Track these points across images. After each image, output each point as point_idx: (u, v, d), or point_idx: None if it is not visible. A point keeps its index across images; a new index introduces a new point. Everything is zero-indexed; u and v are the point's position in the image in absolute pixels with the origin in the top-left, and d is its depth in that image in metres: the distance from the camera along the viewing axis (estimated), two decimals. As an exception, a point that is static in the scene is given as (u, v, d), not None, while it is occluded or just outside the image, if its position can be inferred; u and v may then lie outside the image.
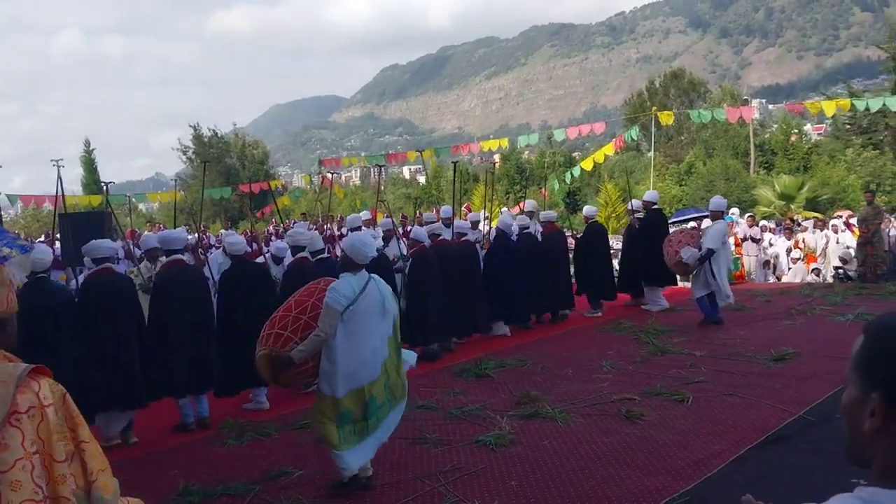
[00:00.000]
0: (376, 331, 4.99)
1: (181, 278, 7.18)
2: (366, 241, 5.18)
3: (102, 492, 2.53)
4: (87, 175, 42.33)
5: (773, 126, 45.18)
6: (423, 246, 9.68)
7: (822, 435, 5.77)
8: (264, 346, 5.04)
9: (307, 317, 5.00)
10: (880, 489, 1.08)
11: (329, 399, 4.92)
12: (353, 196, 41.60)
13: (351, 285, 4.90)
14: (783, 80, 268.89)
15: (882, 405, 1.09)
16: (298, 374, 5.13)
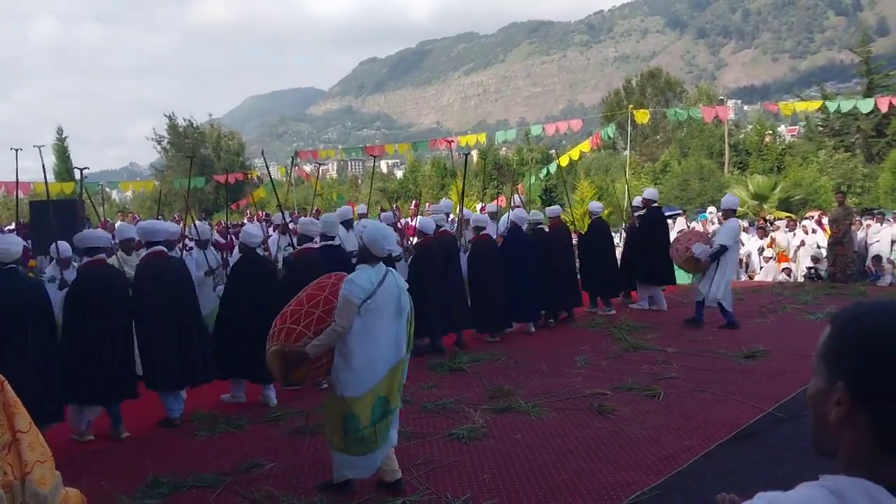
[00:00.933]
0: (393, 327, 4.78)
1: (164, 270, 6.90)
2: (385, 233, 4.92)
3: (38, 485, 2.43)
4: (60, 163, 41.67)
5: (747, 127, 45.67)
6: (427, 237, 9.48)
7: (790, 431, 5.85)
8: (276, 342, 4.80)
9: (320, 311, 4.77)
10: (844, 477, 1.09)
11: (338, 398, 4.73)
12: (330, 189, 41.41)
13: (369, 278, 4.69)
14: (758, 81, 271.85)
15: (847, 395, 1.10)
16: (311, 371, 4.87)
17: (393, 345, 4.77)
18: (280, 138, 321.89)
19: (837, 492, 1.07)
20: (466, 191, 15.00)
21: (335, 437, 4.78)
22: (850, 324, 1.14)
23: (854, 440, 1.11)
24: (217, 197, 41.95)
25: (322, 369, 4.85)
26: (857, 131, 34.78)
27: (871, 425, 1.09)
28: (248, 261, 7.56)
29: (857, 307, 1.16)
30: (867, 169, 33.13)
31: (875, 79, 34.20)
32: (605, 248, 11.93)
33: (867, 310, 1.14)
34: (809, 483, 1.11)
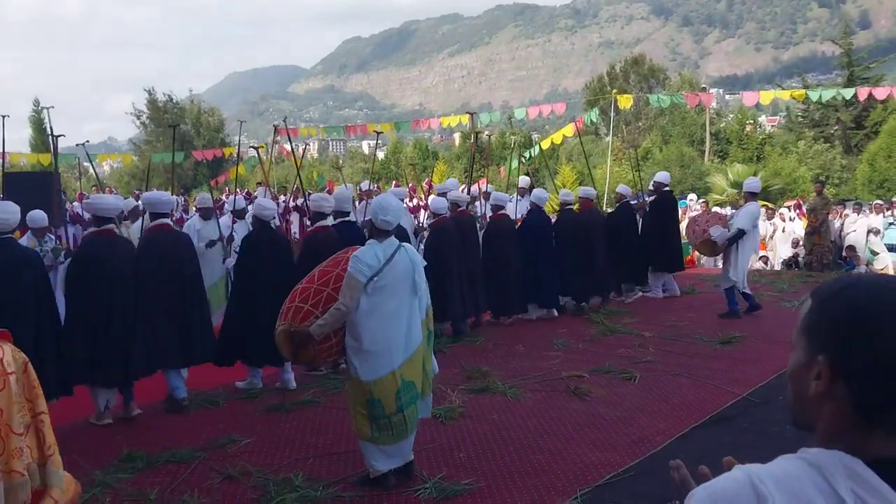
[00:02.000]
0: (406, 306, 4.50)
1: (168, 244, 6.51)
2: (385, 204, 4.60)
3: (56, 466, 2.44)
4: (36, 136, 41.02)
5: (728, 116, 45.90)
6: (443, 217, 9.12)
7: (764, 416, 5.92)
8: (283, 321, 4.58)
9: (330, 288, 4.50)
10: (822, 450, 1.09)
11: (356, 382, 4.50)
12: (311, 168, 41.15)
13: (376, 254, 4.43)
14: (741, 71, 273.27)
15: (827, 368, 1.10)
16: (320, 352, 4.61)
17: (410, 326, 4.52)
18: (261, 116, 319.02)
19: (815, 464, 1.08)
20: (449, 173, 14.93)
21: (361, 424, 4.52)
22: (832, 298, 1.14)
23: (833, 414, 1.11)
24: (196, 173, 41.57)
25: (331, 350, 4.63)
26: (837, 123, 35.08)
27: (850, 399, 1.09)
28: (261, 235, 7.15)
29: (838, 282, 1.16)
30: (846, 160, 33.46)
31: (856, 71, 34.45)
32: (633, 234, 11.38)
33: (848, 284, 1.14)
34: (788, 456, 1.12)
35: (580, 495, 4.54)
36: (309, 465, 5.13)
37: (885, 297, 1.09)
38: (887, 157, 29.04)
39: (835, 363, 1.10)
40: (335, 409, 6.29)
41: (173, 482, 4.86)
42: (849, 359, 1.09)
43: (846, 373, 1.09)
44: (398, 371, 4.43)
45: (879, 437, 1.08)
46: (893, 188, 27.09)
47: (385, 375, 4.41)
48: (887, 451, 1.08)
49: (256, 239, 7.10)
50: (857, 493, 1.04)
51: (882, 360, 1.06)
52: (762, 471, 1.10)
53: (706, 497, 1.12)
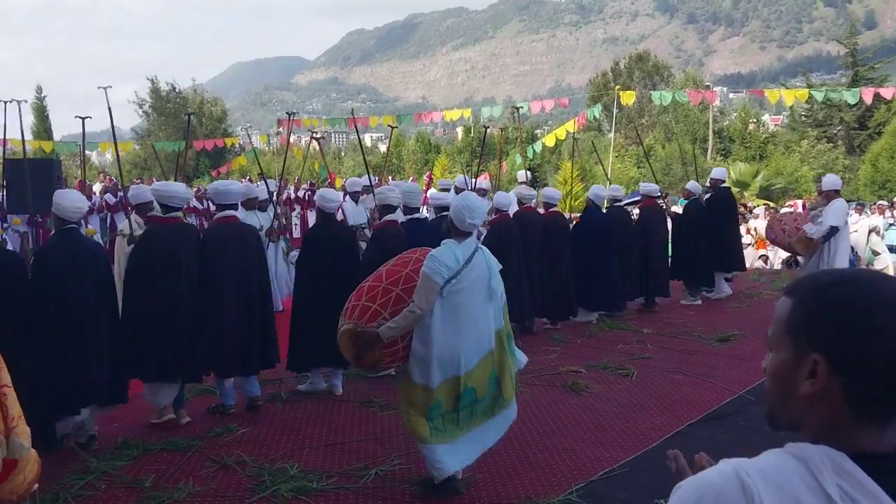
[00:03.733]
0: (481, 313, 4.25)
1: (236, 239, 5.96)
2: (472, 205, 4.25)
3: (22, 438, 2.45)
4: (38, 123, 41.01)
5: (732, 114, 45.85)
6: (505, 214, 8.49)
7: (760, 414, 5.82)
8: (348, 319, 4.30)
9: (399, 289, 4.25)
10: (808, 444, 1.10)
11: (420, 388, 4.23)
12: (312, 159, 41.13)
13: (454, 254, 4.14)
14: (745, 69, 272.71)
15: (825, 367, 1.09)
16: (386, 356, 4.29)
17: (482, 332, 4.26)
18: (264, 107, 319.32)
19: (801, 458, 1.08)
20: (450, 167, 14.86)
21: (419, 426, 4.28)
22: (817, 295, 1.13)
23: (825, 412, 1.11)
24: (198, 163, 41.56)
25: (397, 355, 4.30)
26: (840, 123, 35.03)
27: (844, 396, 1.09)
28: (324, 228, 6.63)
29: (815, 278, 1.16)
30: (848, 160, 33.43)
31: (860, 71, 34.39)
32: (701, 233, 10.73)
33: (833, 280, 1.14)
34: (775, 450, 1.12)
35: (575, 490, 4.54)
36: (304, 456, 5.14)
37: (875, 293, 1.09)
38: (890, 158, 29.00)
39: (831, 361, 1.09)
40: (331, 400, 6.30)
41: (169, 470, 4.86)
42: (846, 356, 1.08)
43: (843, 370, 1.08)
44: (463, 377, 4.21)
45: (870, 432, 1.08)
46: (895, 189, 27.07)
47: (450, 379, 4.20)
48: (873, 445, 1.08)
49: (320, 233, 6.62)
50: (843, 487, 1.04)
51: (878, 355, 1.06)
52: (749, 464, 1.10)
53: (692, 490, 1.12)
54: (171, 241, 5.61)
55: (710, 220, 10.74)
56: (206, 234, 6.14)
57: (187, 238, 5.77)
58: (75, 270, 5.06)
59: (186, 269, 5.60)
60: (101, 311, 5.21)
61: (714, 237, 10.63)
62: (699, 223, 10.70)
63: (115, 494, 4.53)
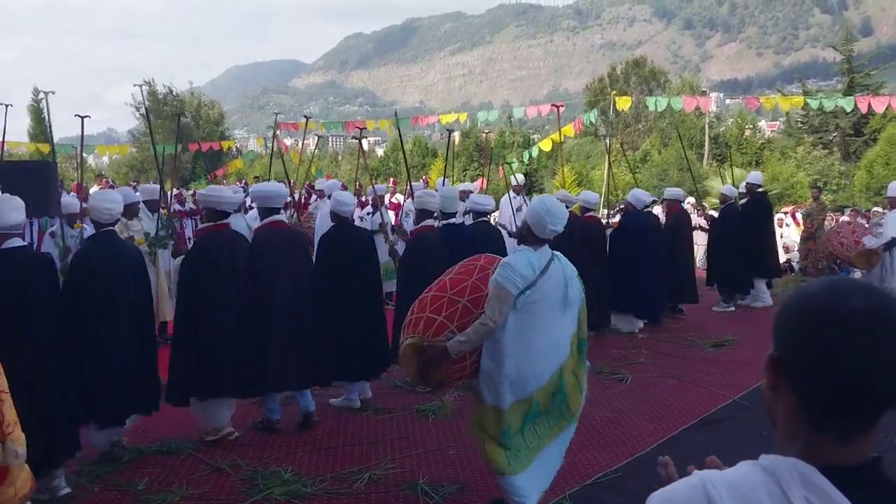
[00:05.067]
0: (556, 324, 3.94)
1: (284, 245, 5.68)
2: (553, 209, 3.90)
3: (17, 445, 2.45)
4: (36, 125, 40.93)
5: (728, 120, 45.93)
6: None
7: (754, 419, 5.93)
8: (412, 333, 3.97)
9: (466, 300, 3.94)
10: (780, 457, 1.11)
11: (492, 410, 3.89)
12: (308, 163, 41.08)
13: (530, 263, 3.82)
14: (742, 75, 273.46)
15: (772, 363, 1.13)
16: (453, 372, 3.97)
17: (556, 346, 3.96)
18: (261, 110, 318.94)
19: (770, 470, 1.09)
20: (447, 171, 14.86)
21: (497, 457, 3.92)
22: (791, 296, 1.16)
23: (784, 413, 1.13)
24: (195, 166, 41.53)
25: (464, 372, 3.99)
26: (836, 129, 35.10)
27: (795, 398, 1.11)
28: (341, 234, 6.28)
29: (801, 286, 1.19)
30: (844, 166, 33.49)
31: (856, 77, 34.47)
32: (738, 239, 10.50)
33: (811, 283, 1.16)
34: (748, 462, 1.13)
35: (568, 494, 4.55)
36: (298, 460, 5.14)
37: (831, 298, 1.09)
38: (885, 165, 29.07)
39: (780, 360, 1.12)
40: (324, 405, 6.29)
41: (162, 473, 4.87)
42: (791, 357, 1.11)
43: (789, 371, 1.11)
44: (535, 395, 3.92)
45: (830, 443, 1.09)
46: (891, 195, 27.15)
47: (523, 399, 3.90)
48: (843, 459, 1.09)
49: (337, 238, 6.24)
50: (810, 500, 1.05)
51: (822, 360, 1.06)
52: (716, 476, 1.12)
53: (661, 500, 1.14)
54: (222, 250, 5.35)
55: (747, 225, 10.50)
56: (253, 240, 5.80)
57: (238, 245, 5.51)
58: (114, 275, 4.87)
59: (238, 278, 5.35)
60: (139, 316, 5.06)
61: (751, 243, 10.40)
62: (736, 228, 10.47)
63: (109, 497, 4.53)
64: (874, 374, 1.04)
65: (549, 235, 3.93)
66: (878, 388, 1.05)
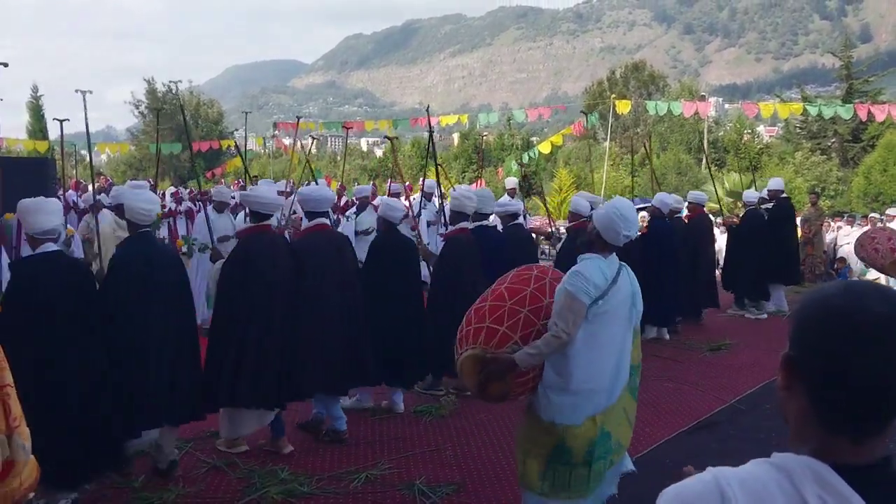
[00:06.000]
0: (623, 340, 3.70)
1: (331, 249, 5.52)
2: (626, 214, 3.65)
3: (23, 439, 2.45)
4: (34, 122, 40.92)
5: (727, 125, 46.02)
6: (583, 222, 7.66)
7: (750, 423, 5.95)
8: (472, 344, 3.75)
9: (527, 310, 3.73)
10: (792, 455, 1.11)
11: (546, 427, 3.65)
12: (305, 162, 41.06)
13: (602, 272, 3.58)
14: (741, 80, 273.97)
15: (788, 362, 1.14)
16: (516, 386, 3.76)
17: (622, 363, 3.71)
18: (260, 110, 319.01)
19: (783, 468, 1.09)
20: (446, 172, 14.84)
21: (532, 473, 3.70)
22: (808, 297, 1.17)
23: (796, 412, 1.14)
24: (193, 165, 41.53)
25: (526, 385, 3.77)
26: (834, 135, 35.18)
27: (808, 398, 1.11)
28: (388, 240, 6.14)
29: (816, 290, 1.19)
30: (842, 172, 33.57)
31: (855, 84, 34.56)
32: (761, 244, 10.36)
33: (828, 285, 1.17)
34: (759, 460, 1.14)
35: (564, 496, 4.55)
36: (294, 459, 5.14)
37: (849, 301, 1.09)
38: (883, 171, 29.13)
39: (794, 361, 1.13)
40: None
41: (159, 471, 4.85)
42: (806, 358, 1.11)
43: (803, 372, 1.12)
44: (600, 417, 3.63)
45: (843, 443, 1.09)
46: (888, 201, 27.19)
47: (585, 422, 3.59)
48: (855, 458, 1.09)
49: (384, 243, 6.09)
50: (823, 497, 1.05)
51: (836, 363, 1.07)
52: (730, 473, 1.12)
53: (674, 496, 1.15)
54: (265, 253, 5.07)
55: (772, 231, 10.39)
56: (298, 243, 5.62)
57: (281, 249, 5.26)
58: (155, 278, 4.59)
59: (282, 282, 5.09)
60: (180, 321, 4.79)
61: (775, 248, 10.28)
62: (760, 234, 10.35)
63: (104, 495, 4.52)
64: (889, 379, 1.05)
65: (621, 242, 3.67)
66: (893, 393, 1.06)
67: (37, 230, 4.22)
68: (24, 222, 4.26)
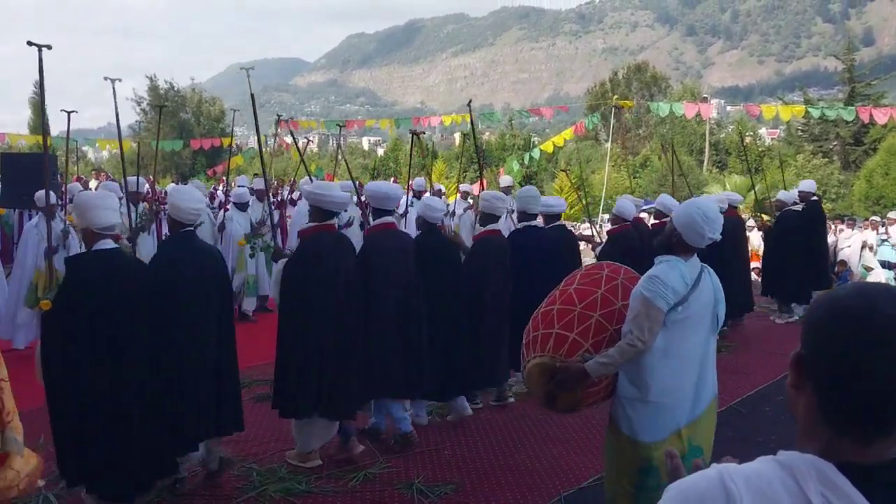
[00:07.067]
0: (702, 346, 3.47)
1: (396, 250, 5.33)
2: (713, 214, 3.40)
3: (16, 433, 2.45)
4: (35, 118, 40.90)
5: (729, 127, 46.03)
6: (626, 225, 7.57)
7: (749, 425, 5.95)
8: (540, 351, 3.57)
9: (598, 315, 3.54)
10: (797, 453, 1.12)
11: (629, 443, 3.43)
12: (310, 161, 41.14)
13: (682, 275, 3.36)
14: (743, 82, 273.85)
15: (799, 361, 1.15)
16: (588, 396, 3.57)
17: (707, 372, 3.49)
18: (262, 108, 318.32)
19: (787, 466, 1.10)
20: (446, 172, 14.83)
21: (621, 497, 3.50)
22: (821, 298, 1.18)
23: (804, 410, 1.15)
24: (194, 162, 41.54)
25: (598, 395, 3.61)
26: (836, 138, 35.18)
27: (816, 397, 1.12)
28: (428, 241, 5.85)
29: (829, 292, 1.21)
30: (843, 176, 33.57)
31: (857, 87, 34.55)
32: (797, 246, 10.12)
33: (842, 287, 1.18)
34: (765, 457, 1.15)
35: (563, 496, 4.56)
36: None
37: (861, 303, 1.10)
38: (885, 174, 29.13)
39: (805, 360, 1.14)
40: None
41: (157, 468, 4.84)
42: (816, 357, 1.12)
43: (813, 371, 1.13)
44: (685, 431, 3.40)
45: (849, 443, 1.10)
46: (889, 205, 27.19)
47: (670, 437, 3.37)
48: (860, 457, 1.09)
49: (424, 244, 5.78)
50: (826, 496, 1.05)
51: (846, 364, 1.08)
52: (734, 470, 1.13)
53: (679, 491, 1.15)
54: (328, 253, 4.87)
55: (806, 233, 10.14)
56: (364, 243, 5.40)
57: (346, 249, 5.06)
58: (197, 281, 4.39)
59: (348, 284, 4.91)
60: (222, 326, 4.58)
61: (807, 252, 10.03)
62: (795, 236, 10.06)
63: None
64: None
65: (704, 244, 3.43)
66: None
67: (96, 225, 3.99)
68: (83, 217, 4.00)
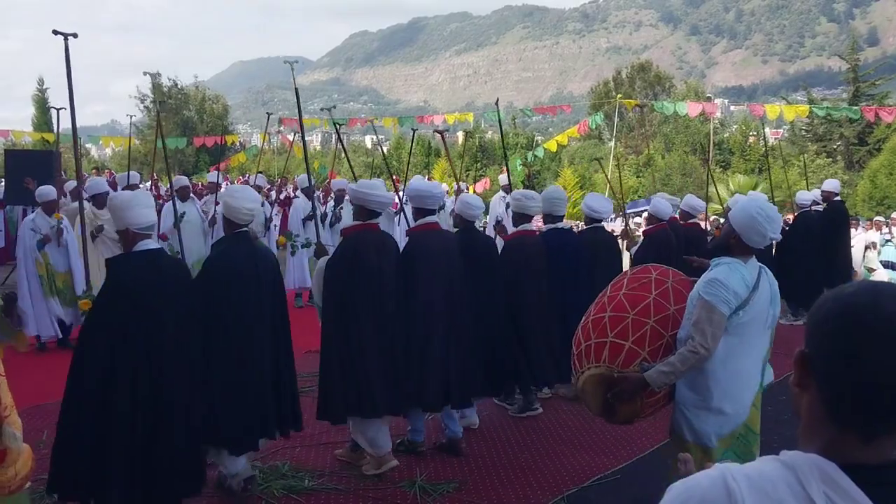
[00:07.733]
0: (759, 348, 3.38)
1: (440, 251, 5.08)
2: (773, 214, 3.27)
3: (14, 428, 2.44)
4: (39, 114, 40.96)
5: (732, 126, 45.96)
6: (662, 225, 7.34)
7: (752, 425, 5.93)
8: (596, 362, 3.45)
9: (653, 321, 3.42)
10: (800, 453, 1.11)
11: (697, 450, 3.27)
12: (312, 159, 41.14)
13: (743, 278, 3.22)
14: (747, 82, 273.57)
15: (803, 358, 1.14)
16: (647, 406, 3.46)
17: (759, 369, 3.40)
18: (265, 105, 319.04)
19: (790, 465, 1.09)
20: (449, 170, 14.84)
21: None
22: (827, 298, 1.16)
23: (807, 408, 1.15)
24: (198, 159, 41.57)
25: (658, 404, 3.52)
26: (840, 138, 35.13)
27: (819, 395, 1.12)
28: (466, 238, 5.58)
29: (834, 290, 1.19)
30: (847, 176, 33.51)
31: (861, 87, 34.50)
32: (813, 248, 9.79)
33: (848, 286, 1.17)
34: (768, 457, 1.14)
35: (566, 495, 4.55)
36: (296, 454, 5.15)
37: (866, 300, 1.10)
38: (889, 175, 29.08)
39: (809, 357, 1.13)
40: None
41: (160, 465, 4.84)
42: (820, 355, 1.12)
43: (817, 369, 1.12)
44: (737, 430, 3.36)
45: (853, 442, 1.09)
46: (893, 205, 27.15)
47: (727, 436, 3.33)
48: (863, 457, 1.09)
49: (461, 243, 5.49)
50: (829, 496, 1.05)
51: (849, 361, 1.07)
52: (737, 469, 1.13)
53: (682, 490, 1.15)
54: (371, 253, 4.72)
55: (826, 235, 9.83)
56: (408, 241, 5.23)
57: (390, 249, 4.91)
58: (253, 282, 4.28)
59: (391, 285, 4.78)
60: (276, 325, 4.47)
61: (826, 254, 9.72)
62: (813, 238, 9.74)
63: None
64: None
65: (764, 245, 3.31)
66: None
67: (136, 225, 3.83)
68: (120, 218, 3.84)
